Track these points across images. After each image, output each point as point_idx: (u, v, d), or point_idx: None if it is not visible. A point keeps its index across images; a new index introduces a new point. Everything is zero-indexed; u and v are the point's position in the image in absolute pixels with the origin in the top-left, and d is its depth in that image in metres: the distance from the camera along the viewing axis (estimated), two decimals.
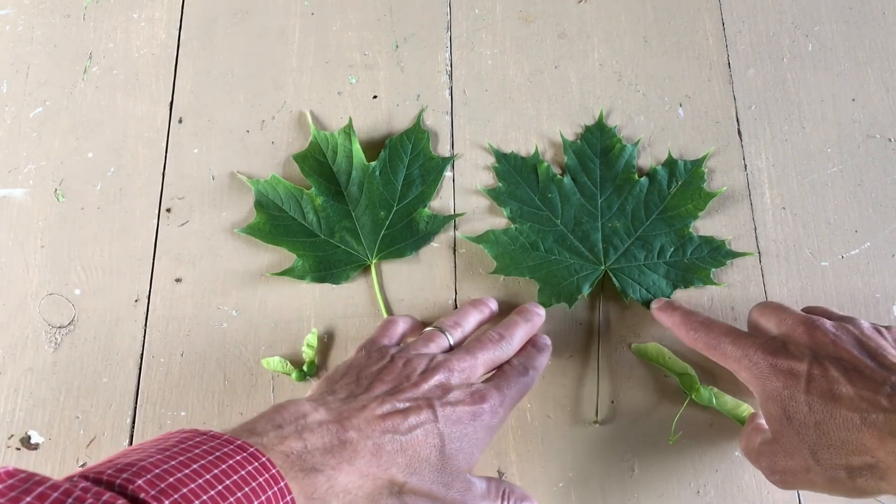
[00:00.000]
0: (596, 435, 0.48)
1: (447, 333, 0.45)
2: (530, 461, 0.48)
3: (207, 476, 0.30)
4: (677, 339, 0.50)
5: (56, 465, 0.48)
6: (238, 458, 0.32)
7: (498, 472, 0.48)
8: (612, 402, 0.49)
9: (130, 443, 0.49)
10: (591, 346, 0.50)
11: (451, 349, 0.45)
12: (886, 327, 0.40)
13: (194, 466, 0.31)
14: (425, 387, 0.40)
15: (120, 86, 0.58)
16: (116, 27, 0.59)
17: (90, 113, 0.57)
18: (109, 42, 0.59)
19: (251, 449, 0.33)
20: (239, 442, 0.33)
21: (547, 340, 0.48)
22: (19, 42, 0.59)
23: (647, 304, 0.50)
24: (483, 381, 0.43)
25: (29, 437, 0.49)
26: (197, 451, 0.32)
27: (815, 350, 0.38)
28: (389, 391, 0.40)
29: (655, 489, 0.47)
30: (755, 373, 0.39)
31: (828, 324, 0.39)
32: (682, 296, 0.51)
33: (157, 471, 0.30)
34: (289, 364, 0.49)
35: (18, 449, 0.48)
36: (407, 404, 0.39)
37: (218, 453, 0.32)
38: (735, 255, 0.51)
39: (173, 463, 0.30)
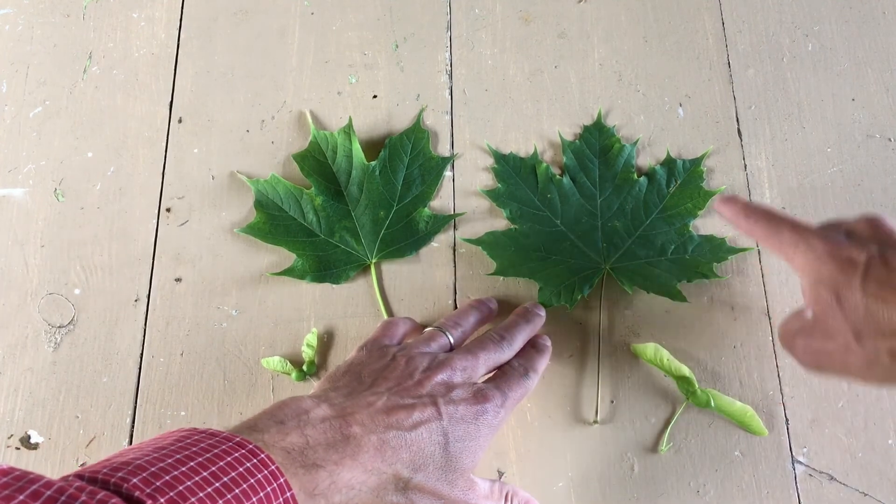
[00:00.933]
0: (596, 435, 0.48)
1: (447, 333, 0.45)
2: (530, 461, 0.48)
3: (204, 473, 0.30)
4: (677, 338, 0.50)
5: (56, 464, 0.48)
6: (236, 454, 0.32)
7: (498, 471, 0.48)
8: (612, 402, 0.49)
9: (130, 443, 0.49)
10: (591, 346, 0.50)
11: (451, 349, 0.45)
12: None
13: (191, 464, 0.30)
14: (429, 385, 0.40)
15: (120, 86, 0.58)
16: (116, 27, 0.59)
17: (90, 113, 0.57)
18: (109, 42, 0.59)
19: (249, 446, 0.33)
20: (237, 439, 0.33)
21: (547, 342, 0.48)
22: (19, 42, 0.59)
23: (650, 290, 0.50)
24: (484, 382, 0.43)
25: (29, 437, 0.49)
26: (194, 448, 0.32)
27: (878, 242, 0.37)
28: (393, 388, 0.40)
29: (655, 489, 0.47)
30: (810, 257, 0.38)
31: (889, 220, 0.39)
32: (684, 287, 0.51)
33: (152, 469, 0.30)
34: (289, 364, 0.49)
35: (18, 448, 0.48)
36: (411, 401, 0.39)
37: (215, 450, 0.32)
38: (736, 250, 0.51)
39: (169, 461, 0.30)
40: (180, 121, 0.57)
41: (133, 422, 0.49)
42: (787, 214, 0.41)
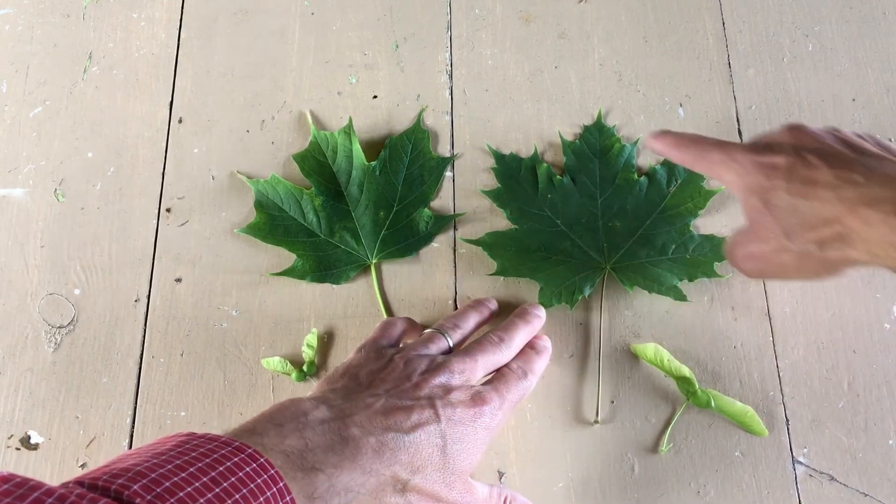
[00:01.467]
0: (596, 435, 0.48)
1: (446, 335, 0.45)
2: (530, 461, 0.48)
3: (204, 479, 0.30)
4: (677, 338, 0.50)
5: (56, 465, 0.48)
6: (236, 459, 0.32)
7: (498, 472, 0.48)
8: (612, 402, 0.49)
9: (130, 443, 0.49)
10: (591, 346, 0.50)
11: (450, 351, 0.45)
12: (868, 134, 0.42)
13: (190, 470, 0.30)
14: (427, 387, 0.40)
15: (120, 86, 0.58)
16: (116, 27, 0.59)
17: (90, 113, 0.57)
18: (109, 42, 0.59)
19: (249, 450, 0.33)
20: (237, 443, 0.33)
21: (547, 343, 0.48)
22: (19, 42, 0.59)
23: (651, 290, 0.50)
24: (483, 384, 0.43)
25: (29, 437, 0.49)
26: (193, 454, 0.32)
27: (798, 146, 0.39)
28: (391, 390, 0.40)
29: (655, 489, 0.47)
30: (738, 171, 0.40)
31: (811, 126, 0.41)
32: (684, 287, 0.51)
33: (152, 475, 0.29)
34: (289, 364, 0.49)
35: (18, 449, 0.48)
36: (409, 402, 0.39)
37: (215, 455, 0.32)
38: None
39: (169, 467, 0.30)
40: (180, 121, 0.56)
41: (133, 422, 0.49)
42: (713, 138, 0.43)
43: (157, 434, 0.49)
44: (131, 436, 0.49)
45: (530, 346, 0.47)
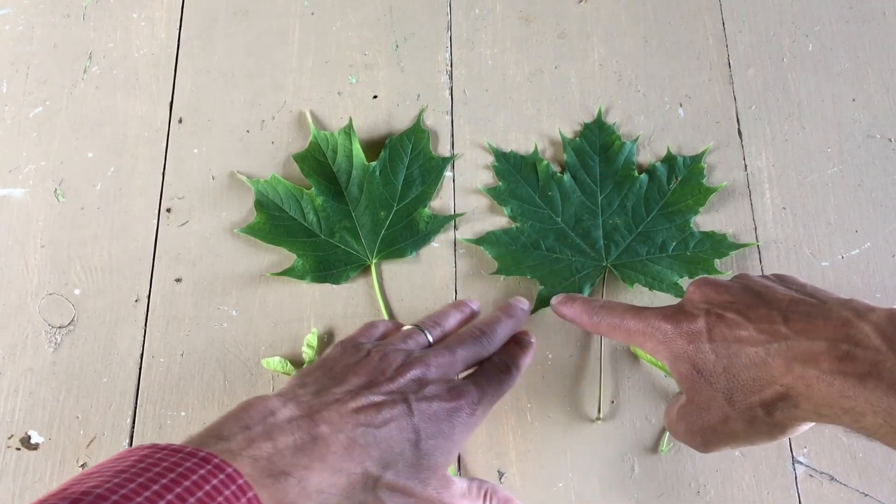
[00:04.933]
0: (596, 434, 0.48)
1: (426, 332, 0.44)
2: (530, 461, 0.48)
3: (169, 496, 0.29)
4: None
5: (56, 465, 0.48)
6: (202, 472, 0.30)
7: (498, 472, 0.48)
8: (613, 401, 0.49)
9: (130, 443, 0.49)
10: (591, 345, 0.50)
11: (429, 347, 0.44)
12: (774, 275, 0.41)
13: (154, 487, 0.29)
14: (401, 381, 0.39)
15: (120, 86, 0.58)
16: (116, 27, 0.59)
17: (90, 113, 0.57)
18: (109, 42, 0.59)
19: (216, 460, 0.31)
20: (202, 454, 0.31)
21: (531, 338, 0.46)
22: (19, 42, 0.59)
23: (652, 287, 0.50)
24: (462, 378, 0.42)
25: (29, 437, 0.49)
26: (157, 469, 0.30)
27: (709, 303, 0.38)
28: (364, 385, 0.39)
29: (655, 489, 0.47)
30: (660, 339, 0.39)
31: (714, 279, 0.40)
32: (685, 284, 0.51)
33: (113, 498, 0.28)
34: (289, 364, 0.49)
35: (18, 449, 0.48)
36: (381, 398, 0.38)
37: (180, 469, 0.30)
38: (737, 246, 0.51)
39: (132, 486, 0.29)
40: (180, 121, 0.57)
41: (133, 422, 0.49)
42: (624, 304, 0.42)
43: (157, 434, 0.49)
44: (131, 436, 0.49)
45: (514, 341, 0.45)
